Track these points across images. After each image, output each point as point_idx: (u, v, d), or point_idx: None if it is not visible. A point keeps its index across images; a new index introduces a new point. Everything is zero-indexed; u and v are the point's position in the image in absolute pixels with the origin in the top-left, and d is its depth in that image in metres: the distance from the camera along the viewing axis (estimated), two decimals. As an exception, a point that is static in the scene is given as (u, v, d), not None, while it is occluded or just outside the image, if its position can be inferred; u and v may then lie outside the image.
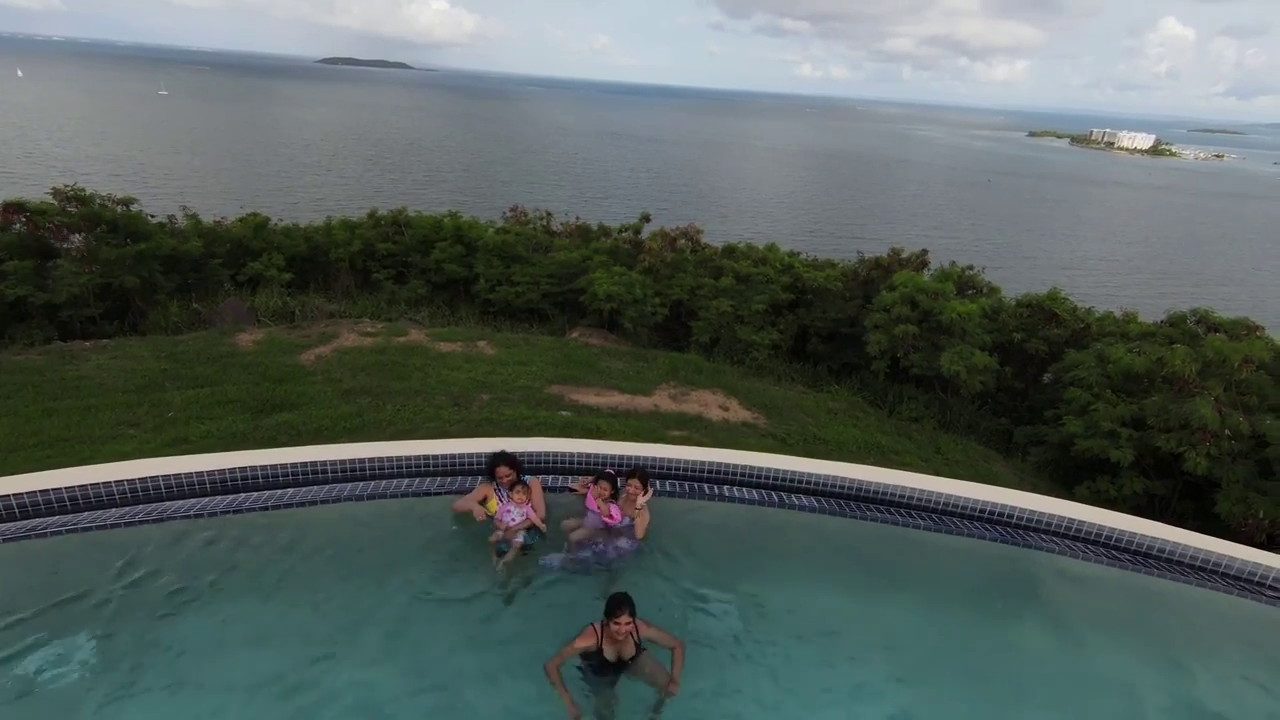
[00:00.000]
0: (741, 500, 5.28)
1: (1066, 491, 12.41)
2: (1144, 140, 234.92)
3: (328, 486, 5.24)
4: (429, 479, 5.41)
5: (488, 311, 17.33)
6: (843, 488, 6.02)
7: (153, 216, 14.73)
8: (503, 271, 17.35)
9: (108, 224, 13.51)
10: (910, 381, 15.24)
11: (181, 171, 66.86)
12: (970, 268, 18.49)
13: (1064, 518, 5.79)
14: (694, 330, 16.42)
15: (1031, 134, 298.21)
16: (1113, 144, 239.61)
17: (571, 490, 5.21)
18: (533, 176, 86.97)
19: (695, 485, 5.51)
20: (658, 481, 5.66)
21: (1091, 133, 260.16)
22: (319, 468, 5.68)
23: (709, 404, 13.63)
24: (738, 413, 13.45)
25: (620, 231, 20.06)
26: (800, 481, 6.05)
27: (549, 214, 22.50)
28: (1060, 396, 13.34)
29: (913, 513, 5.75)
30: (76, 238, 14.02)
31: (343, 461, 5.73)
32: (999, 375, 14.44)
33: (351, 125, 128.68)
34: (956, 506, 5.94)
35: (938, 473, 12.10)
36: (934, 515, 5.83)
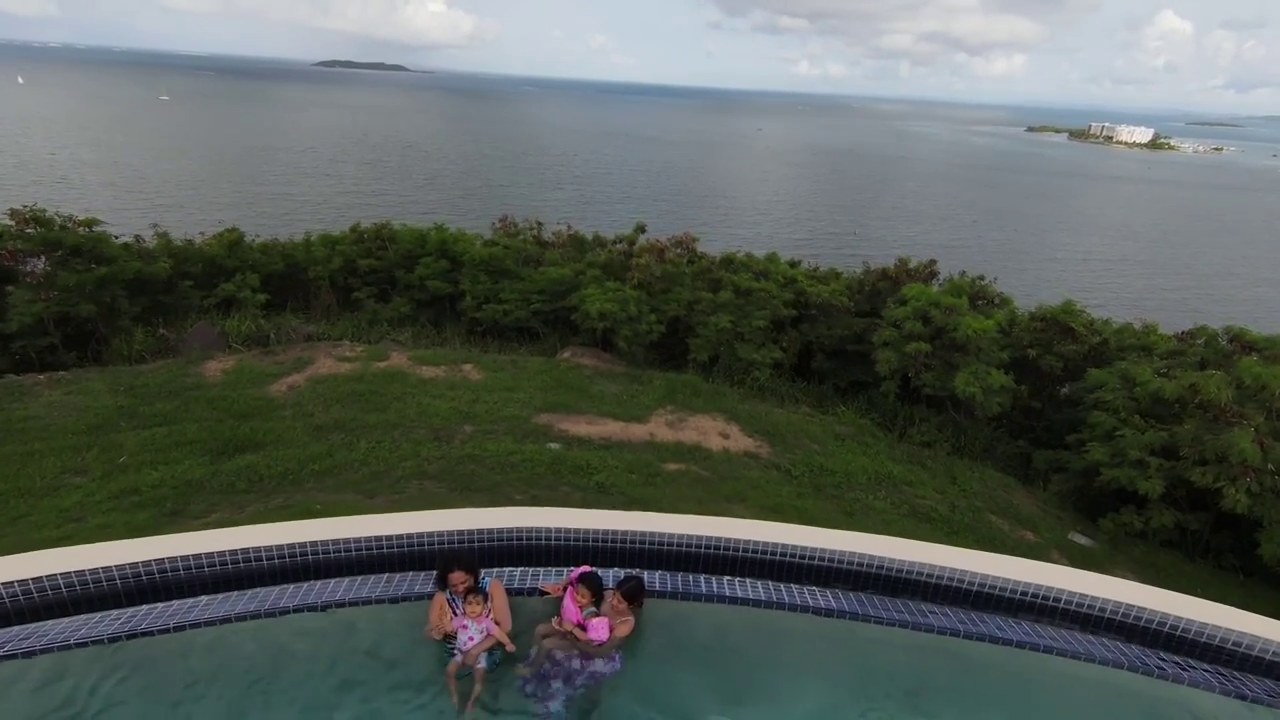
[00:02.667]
0: (745, 601, 4.46)
1: (1090, 523, 11.60)
2: (1143, 134, 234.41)
3: (249, 594, 4.42)
4: (373, 580, 4.57)
5: (474, 331, 16.51)
6: (859, 565, 5.21)
7: (117, 237, 13.91)
8: (490, 288, 16.53)
9: (69, 248, 12.70)
10: (921, 401, 14.42)
11: (181, 179, 66.32)
12: (981, 278, 17.65)
13: (1120, 604, 4.96)
14: (691, 348, 15.59)
15: (1030, 129, 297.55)
16: (1111, 138, 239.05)
17: (542, 593, 4.39)
18: (532, 178, 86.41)
19: (689, 579, 4.69)
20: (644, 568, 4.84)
21: (1090, 127, 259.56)
22: (248, 555, 4.87)
23: (708, 431, 12.81)
24: (739, 440, 12.64)
25: (614, 243, 19.23)
26: (811, 558, 5.24)
27: (539, 223, 21.69)
28: (1082, 418, 12.52)
29: (946, 604, 4.94)
30: (39, 261, 13.23)
31: (277, 548, 4.91)
32: (1015, 394, 13.62)
33: (350, 129, 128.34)
34: (994, 589, 5.11)
35: (954, 506, 11.30)
36: (968, 604, 5.01)
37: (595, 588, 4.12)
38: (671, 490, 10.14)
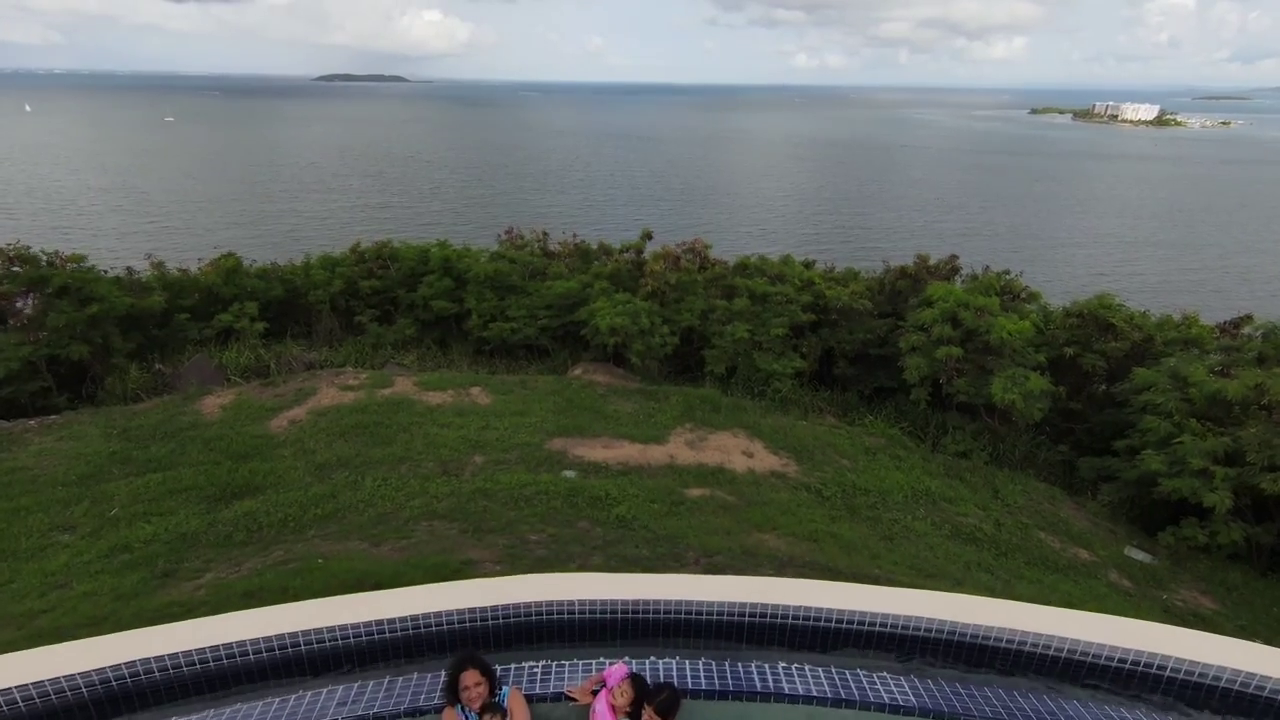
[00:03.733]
0: (806, 699, 3.80)
1: (1147, 536, 10.84)
2: (1148, 111, 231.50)
3: (228, 714, 3.81)
4: (372, 686, 3.94)
5: (482, 350, 15.91)
6: (927, 631, 4.55)
7: (106, 271, 13.41)
8: (496, 305, 15.93)
9: (57, 286, 12.20)
10: (953, 408, 13.68)
11: (188, 200, 66.44)
12: (1007, 272, 16.90)
13: (1239, 672, 4.26)
14: (707, 360, 14.93)
15: (1033, 111, 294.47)
16: (1116, 117, 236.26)
17: (570, 700, 3.75)
18: (535, 183, 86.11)
19: (739, 670, 4.02)
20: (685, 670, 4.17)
21: (1094, 107, 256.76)
22: (233, 652, 4.27)
23: (730, 450, 12.15)
24: (764, 459, 11.96)
25: (622, 251, 18.59)
26: (873, 624, 4.58)
27: (545, 233, 21.10)
28: (1129, 421, 11.76)
29: (1032, 674, 4.27)
30: (27, 301, 12.76)
31: (265, 640, 4.30)
32: (1053, 396, 12.85)
33: (352, 142, 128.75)
34: (1086, 655, 4.44)
35: (999, 523, 10.56)
36: (1056, 673, 4.34)
37: (640, 690, 3.48)
38: (697, 520, 9.48)
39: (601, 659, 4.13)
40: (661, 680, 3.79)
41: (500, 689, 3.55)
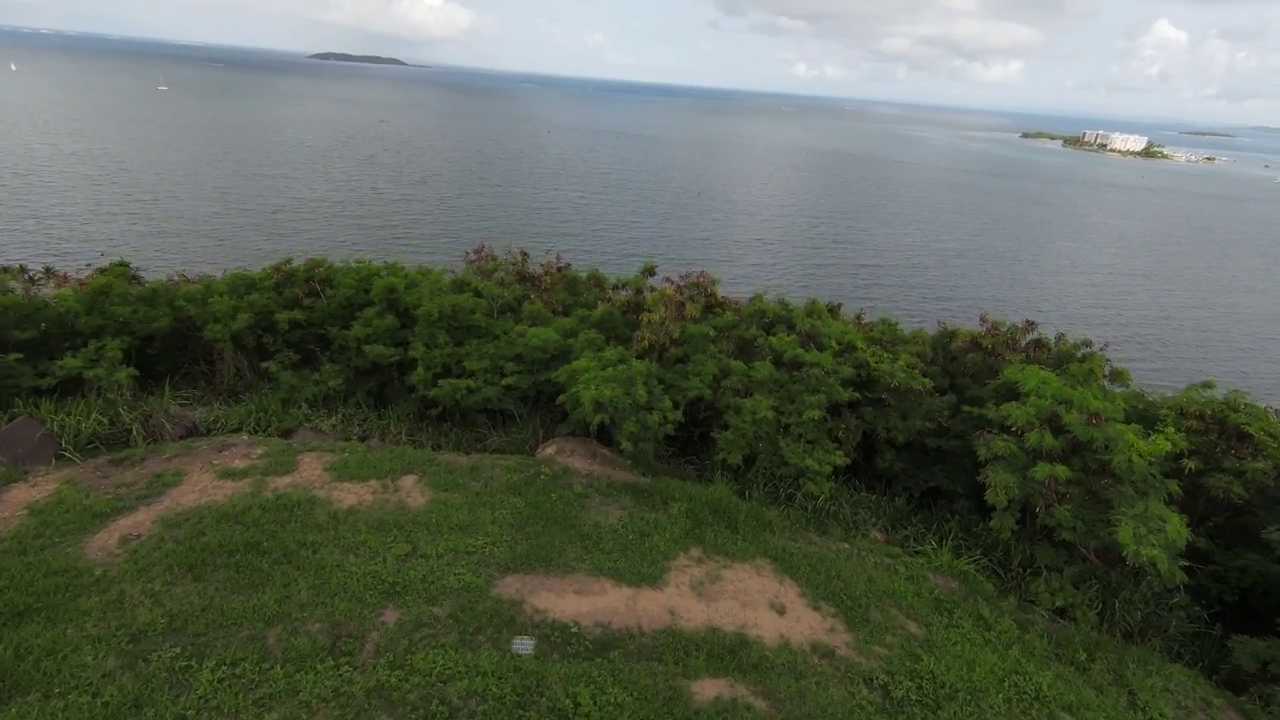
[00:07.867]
0: None
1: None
2: (1136, 142, 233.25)
3: None
4: None
5: (427, 415, 12.34)
6: None
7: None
8: (451, 353, 12.38)
9: None
10: (1042, 535, 10.36)
11: (171, 178, 62.40)
12: (1087, 343, 13.71)
13: None
14: (720, 445, 11.47)
15: (1025, 135, 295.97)
16: (1105, 146, 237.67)
17: None
18: (528, 178, 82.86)
19: None
20: None
21: (1084, 134, 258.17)
22: None
23: (754, 599, 8.73)
24: (800, 616, 8.56)
25: (616, 288, 15.11)
26: None
27: (524, 254, 17.54)
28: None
29: None
30: None
31: None
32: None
33: (345, 124, 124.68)
34: None
35: (1147, 756, 7.25)
36: None
37: None
38: (714, 764, 6.05)
39: None
40: None
41: None
